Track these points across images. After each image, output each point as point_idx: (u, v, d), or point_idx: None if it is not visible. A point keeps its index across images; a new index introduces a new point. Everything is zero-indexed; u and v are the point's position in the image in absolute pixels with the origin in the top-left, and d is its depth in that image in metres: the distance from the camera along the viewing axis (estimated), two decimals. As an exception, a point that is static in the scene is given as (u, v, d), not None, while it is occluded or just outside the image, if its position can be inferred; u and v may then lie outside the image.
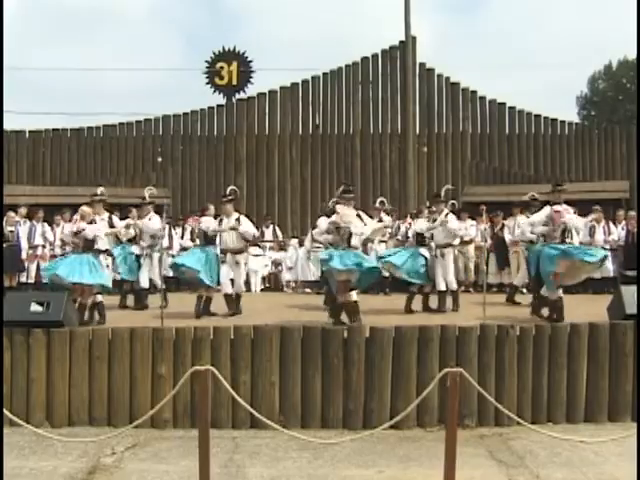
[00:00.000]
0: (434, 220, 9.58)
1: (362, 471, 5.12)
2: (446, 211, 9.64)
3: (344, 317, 7.91)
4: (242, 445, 5.70)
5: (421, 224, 9.85)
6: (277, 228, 15.02)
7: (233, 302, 9.22)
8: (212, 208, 10.59)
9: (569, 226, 8.19)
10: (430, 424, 6.14)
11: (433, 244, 9.57)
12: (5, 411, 5.32)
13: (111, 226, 9.17)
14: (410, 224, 10.91)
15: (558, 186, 8.77)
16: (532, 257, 8.60)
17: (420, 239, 9.70)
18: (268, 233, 14.62)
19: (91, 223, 8.25)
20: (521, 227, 10.16)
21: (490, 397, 5.53)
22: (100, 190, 9.41)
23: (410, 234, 10.26)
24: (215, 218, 9.58)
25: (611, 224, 12.22)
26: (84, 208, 8.45)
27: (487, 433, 6.02)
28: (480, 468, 5.14)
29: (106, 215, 9.16)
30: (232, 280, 9.25)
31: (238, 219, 9.32)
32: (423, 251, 9.51)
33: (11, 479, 4.84)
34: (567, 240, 8.20)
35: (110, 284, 8.36)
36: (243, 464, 5.24)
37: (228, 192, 9.65)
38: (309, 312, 9.15)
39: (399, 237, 11.33)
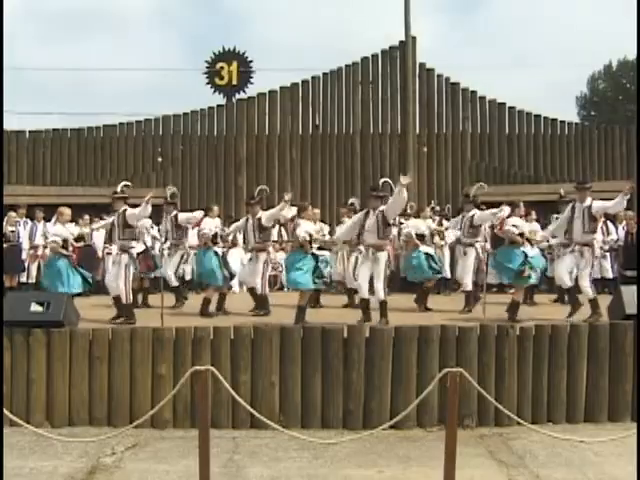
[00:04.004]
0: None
1: (362, 471, 5.12)
2: (474, 210, 9.80)
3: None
4: (242, 445, 5.70)
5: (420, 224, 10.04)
6: (282, 229, 14.99)
7: (258, 298, 9.29)
8: (215, 209, 10.60)
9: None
10: (430, 424, 6.14)
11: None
12: (5, 411, 5.32)
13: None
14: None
15: (582, 184, 8.73)
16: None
17: (420, 238, 9.86)
18: (273, 234, 14.52)
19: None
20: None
21: (490, 397, 5.53)
22: (120, 187, 8.90)
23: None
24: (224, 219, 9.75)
25: (610, 224, 12.20)
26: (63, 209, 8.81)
27: (487, 433, 6.02)
28: (480, 468, 5.14)
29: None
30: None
31: (259, 219, 9.40)
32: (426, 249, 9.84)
33: (11, 479, 4.84)
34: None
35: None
36: (243, 464, 5.24)
37: (256, 193, 9.71)
38: (309, 312, 9.12)
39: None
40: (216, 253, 9.53)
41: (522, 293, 8.72)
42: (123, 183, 9.00)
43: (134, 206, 8.66)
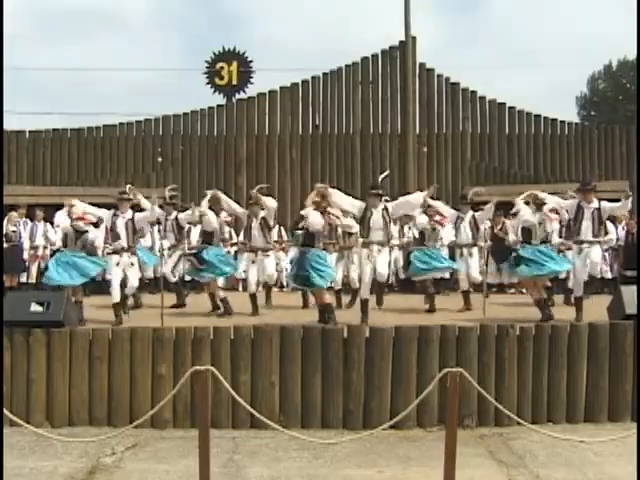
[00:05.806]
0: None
1: (362, 471, 5.12)
2: (470, 212, 9.82)
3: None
4: (242, 445, 5.70)
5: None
6: (282, 229, 15.00)
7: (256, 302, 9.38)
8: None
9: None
10: (430, 424, 6.14)
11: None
12: (5, 411, 5.32)
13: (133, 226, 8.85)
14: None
15: (585, 186, 8.70)
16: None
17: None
18: (273, 233, 14.48)
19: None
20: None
21: (490, 397, 5.53)
22: (127, 188, 9.01)
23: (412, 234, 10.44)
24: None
25: (609, 224, 12.16)
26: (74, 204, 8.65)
27: (487, 433, 6.02)
28: (480, 468, 5.14)
29: (130, 213, 8.81)
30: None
31: (264, 218, 9.55)
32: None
33: (11, 479, 4.84)
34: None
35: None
36: (243, 464, 5.24)
37: (255, 191, 9.73)
38: (309, 312, 9.14)
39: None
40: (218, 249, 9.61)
41: (537, 290, 8.62)
42: (129, 185, 9.08)
43: (135, 207, 8.75)
